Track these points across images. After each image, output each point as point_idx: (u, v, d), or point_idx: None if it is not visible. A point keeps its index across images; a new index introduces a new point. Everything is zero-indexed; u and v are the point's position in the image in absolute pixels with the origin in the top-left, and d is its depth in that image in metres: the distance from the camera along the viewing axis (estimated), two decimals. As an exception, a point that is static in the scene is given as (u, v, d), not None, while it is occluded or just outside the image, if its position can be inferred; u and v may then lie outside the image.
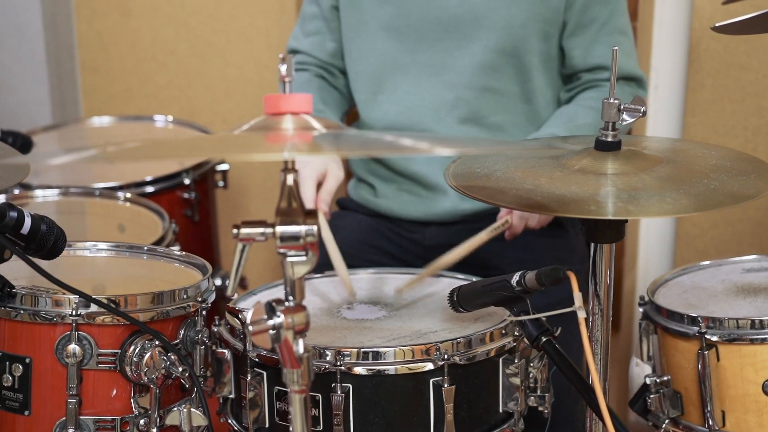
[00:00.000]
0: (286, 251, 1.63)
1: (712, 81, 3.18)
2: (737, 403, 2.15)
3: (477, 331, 2.12)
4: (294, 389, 1.67)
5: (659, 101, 3.24)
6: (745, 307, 2.22)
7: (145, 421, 2.01)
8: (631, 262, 3.35)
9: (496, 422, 2.15)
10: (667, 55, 3.20)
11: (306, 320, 1.65)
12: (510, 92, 2.66)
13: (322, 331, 2.17)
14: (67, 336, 1.96)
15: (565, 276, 1.88)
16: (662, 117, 3.24)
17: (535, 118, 2.69)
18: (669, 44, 3.19)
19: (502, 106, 2.67)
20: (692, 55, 3.17)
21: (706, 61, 3.17)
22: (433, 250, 2.69)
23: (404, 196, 2.75)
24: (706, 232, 3.27)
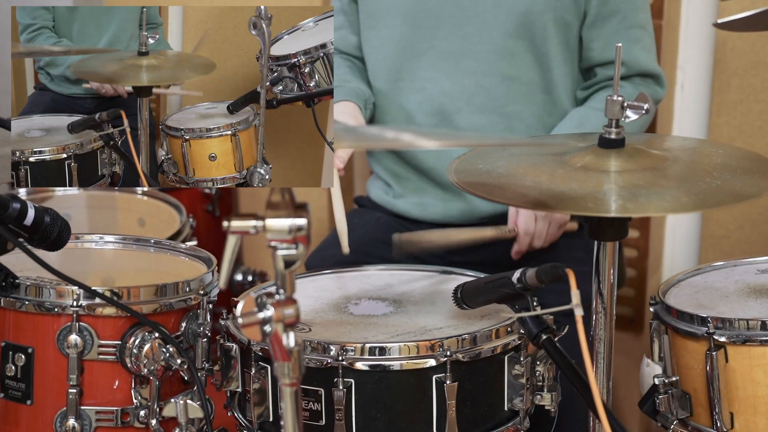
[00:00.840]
0: (276, 244, 1.63)
1: (738, 80, 3.14)
2: (746, 404, 2.13)
3: (482, 328, 2.11)
4: (285, 382, 1.67)
5: (685, 101, 3.21)
6: (756, 308, 2.20)
7: (145, 412, 2.02)
8: (656, 263, 3.32)
9: (501, 420, 2.14)
10: (693, 54, 3.17)
11: (296, 313, 1.65)
12: (530, 81, 2.65)
13: (327, 326, 2.17)
14: (68, 327, 1.99)
15: (564, 273, 1.87)
16: (688, 117, 3.21)
17: (555, 109, 2.67)
18: (695, 43, 3.16)
19: (521, 95, 2.65)
20: (718, 54, 3.14)
21: (732, 61, 3.13)
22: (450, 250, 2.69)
23: (421, 197, 2.75)
24: (732, 233, 3.24)
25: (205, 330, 2.09)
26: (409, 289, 2.36)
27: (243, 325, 1.62)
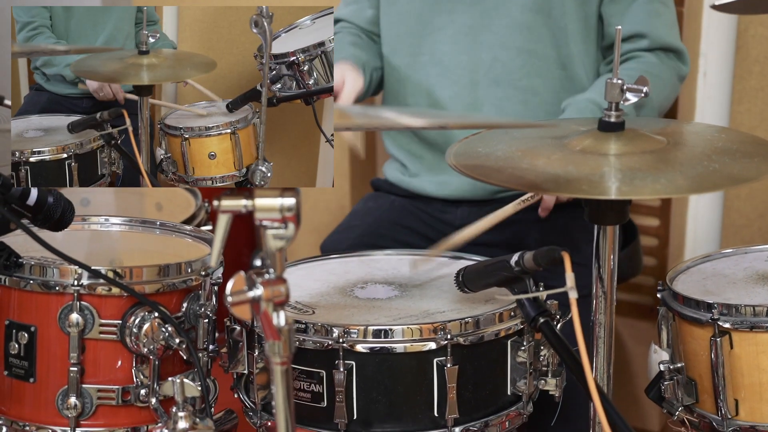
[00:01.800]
0: (265, 223, 1.64)
1: (759, 67, 3.11)
2: (751, 391, 2.11)
3: (485, 311, 2.11)
4: (276, 361, 1.68)
5: (708, 89, 3.18)
6: (763, 295, 2.18)
7: (145, 391, 2.04)
8: (677, 252, 3.30)
9: (504, 404, 2.14)
10: (715, 41, 3.14)
11: (286, 292, 1.66)
12: (546, 56, 2.64)
13: (331, 308, 2.19)
14: (69, 306, 2.01)
15: (561, 257, 1.86)
16: (710, 105, 3.19)
17: (571, 86, 2.67)
18: (717, 30, 3.14)
19: (537, 70, 2.65)
20: (739, 41, 3.11)
21: (754, 47, 3.11)
22: (465, 230, 2.70)
23: (436, 174, 2.75)
24: (753, 222, 3.21)
25: (207, 311, 2.11)
26: (416, 274, 2.36)
27: (232, 304, 1.64)
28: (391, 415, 2.06)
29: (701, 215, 3.26)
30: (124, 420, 2.07)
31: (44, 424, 2.05)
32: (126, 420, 2.08)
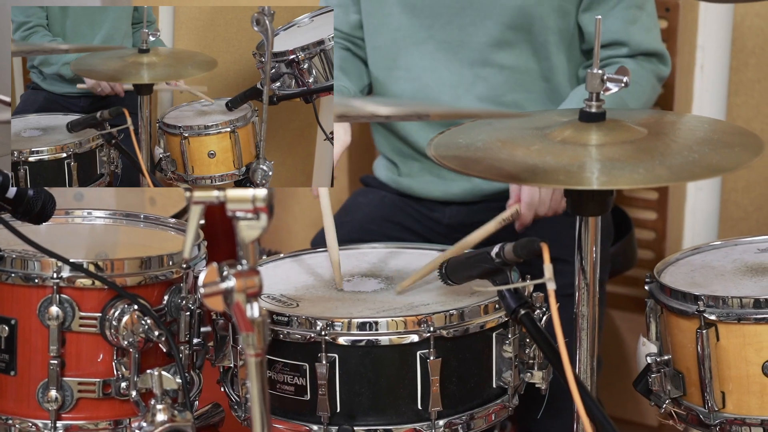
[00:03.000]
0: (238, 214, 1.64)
1: (756, 59, 3.09)
2: (737, 384, 2.10)
3: (470, 304, 2.10)
4: (249, 353, 1.68)
5: (705, 82, 3.17)
6: (750, 287, 2.17)
7: (126, 384, 2.04)
8: (674, 245, 3.28)
9: (489, 397, 2.13)
10: (712, 33, 3.12)
11: (259, 284, 1.65)
12: (529, 70, 2.63)
13: (315, 301, 2.18)
14: (49, 299, 2.01)
15: (539, 248, 1.86)
16: (707, 97, 3.17)
17: (555, 96, 2.66)
18: (714, 22, 3.12)
19: (520, 84, 2.64)
20: (735, 33, 3.09)
21: (750, 39, 3.09)
22: (453, 228, 2.70)
23: (426, 175, 2.75)
24: (751, 215, 3.20)
25: (189, 303, 2.10)
26: (403, 267, 2.35)
27: (205, 295, 1.63)
28: (374, 408, 2.05)
29: (698, 208, 3.25)
30: (106, 413, 2.08)
31: (25, 417, 2.06)
32: (107, 413, 2.08)
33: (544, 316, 2.10)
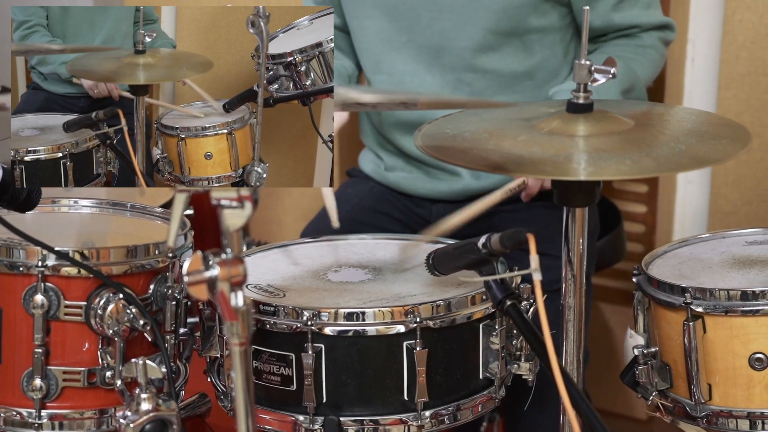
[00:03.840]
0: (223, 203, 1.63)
1: (747, 53, 3.09)
2: (724, 376, 2.10)
3: (457, 294, 2.10)
4: (234, 342, 1.67)
5: (695, 74, 3.16)
6: (737, 279, 2.17)
7: (111, 373, 2.04)
8: (664, 238, 3.28)
9: (476, 388, 2.13)
10: (704, 26, 3.12)
11: (243, 273, 1.65)
12: (512, 71, 2.62)
13: (302, 292, 2.17)
14: (34, 287, 2.01)
15: (526, 239, 1.85)
16: (698, 91, 3.17)
17: (539, 92, 2.64)
18: (704, 16, 3.11)
19: (504, 86, 2.63)
20: (726, 26, 3.09)
21: (740, 33, 3.08)
22: (440, 225, 2.69)
23: (412, 171, 2.74)
24: (740, 209, 3.19)
25: (174, 293, 2.10)
26: (391, 258, 2.35)
27: (189, 284, 1.63)
28: (360, 399, 2.05)
29: (688, 202, 3.25)
30: (91, 402, 2.07)
31: (10, 406, 2.06)
32: (92, 402, 2.07)
33: (531, 307, 2.11)
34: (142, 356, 1.97)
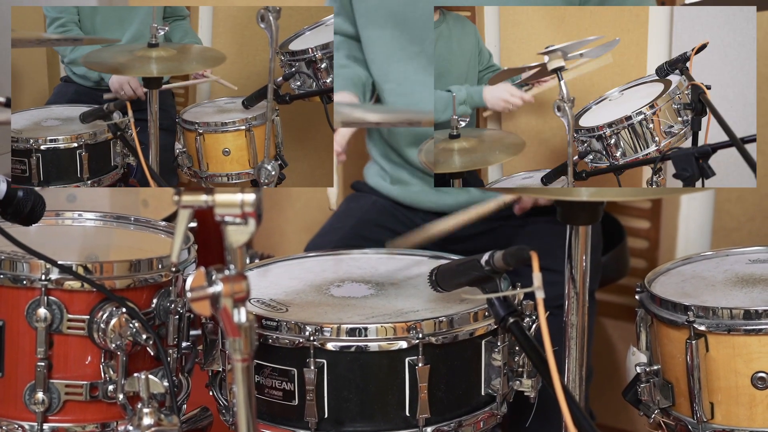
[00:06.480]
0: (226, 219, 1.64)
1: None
2: (726, 395, 2.10)
3: (459, 311, 2.10)
4: (236, 358, 1.68)
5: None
6: (740, 298, 2.17)
7: (113, 387, 2.04)
8: (667, 254, 3.28)
9: (478, 404, 2.13)
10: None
11: (246, 289, 1.65)
12: None
13: (305, 306, 2.18)
14: (37, 300, 2.01)
15: (529, 256, 1.85)
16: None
17: None
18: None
19: None
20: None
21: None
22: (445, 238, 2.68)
23: (417, 184, 2.74)
24: (743, 225, 3.19)
25: (177, 307, 2.10)
26: (393, 273, 2.35)
27: (192, 300, 1.63)
28: (362, 414, 2.05)
29: (692, 218, 3.24)
30: (93, 416, 2.08)
31: (12, 419, 2.06)
32: (94, 416, 2.08)
33: (534, 324, 2.10)
34: (145, 370, 1.98)
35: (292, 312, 2.15)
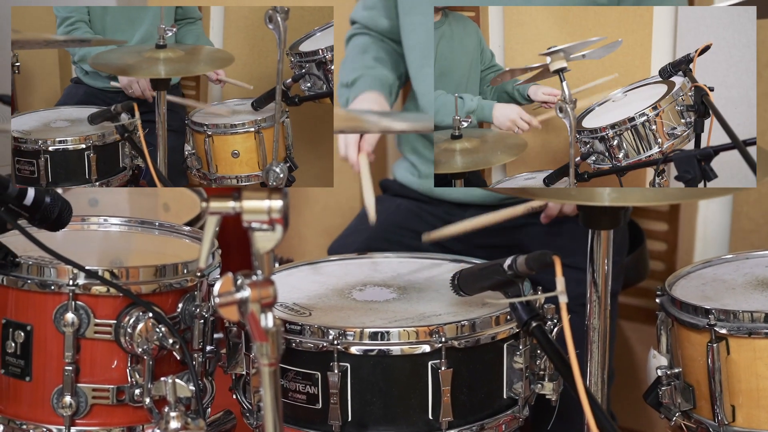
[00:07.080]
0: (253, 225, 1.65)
1: None
2: (748, 398, 2.11)
3: (481, 315, 2.11)
4: (263, 362, 1.69)
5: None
6: (761, 301, 2.18)
7: (140, 391, 2.05)
8: (686, 257, 3.29)
9: (500, 408, 2.14)
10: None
11: (273, 294, 1.67)
12: None
13: (328, 311, 2.19)
14: (65, 305, 2.03)
15: (552, 261, 1.86)
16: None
17: None
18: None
19: None
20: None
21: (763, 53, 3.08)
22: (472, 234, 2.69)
23: None
24: (762, 227, 3.20)
25: (202, 312, 2.12)
26: (415, 277, 2.37)
27: (220, 305, 1.65)
28: (385, 418, 2.07)
29: (710, 220, 3.25)
30: (119, 419, 2.09)
31: (40, 422, 2.08)
32: (121, 419, 2.09)
33: (555, 327, 2.12)
34: (171, 374, 1.99)
35: (316, 316, 2.16)
